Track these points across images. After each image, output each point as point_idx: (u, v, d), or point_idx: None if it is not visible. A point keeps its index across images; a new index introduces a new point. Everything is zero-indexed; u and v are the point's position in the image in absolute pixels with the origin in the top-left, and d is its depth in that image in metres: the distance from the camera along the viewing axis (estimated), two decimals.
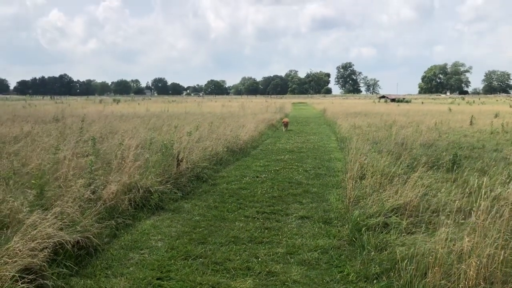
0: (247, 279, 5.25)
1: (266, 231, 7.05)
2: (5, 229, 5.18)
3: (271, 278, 5.30)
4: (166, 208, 8.14)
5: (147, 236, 6.69)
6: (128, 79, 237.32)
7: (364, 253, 5.74)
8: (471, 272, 4.03)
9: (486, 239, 4.43)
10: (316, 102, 77.26)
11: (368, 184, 8.61)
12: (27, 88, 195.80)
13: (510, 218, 4.80)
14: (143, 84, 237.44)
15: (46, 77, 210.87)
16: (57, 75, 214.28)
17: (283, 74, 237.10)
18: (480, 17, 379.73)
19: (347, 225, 7.07)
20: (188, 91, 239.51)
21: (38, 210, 5.43)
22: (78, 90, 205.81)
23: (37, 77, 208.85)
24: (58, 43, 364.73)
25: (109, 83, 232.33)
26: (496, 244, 4.38)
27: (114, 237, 6.50)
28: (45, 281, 4.42)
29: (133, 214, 7.45)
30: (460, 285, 4.01)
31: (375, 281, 5.06)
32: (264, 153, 16.05)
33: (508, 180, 7.08)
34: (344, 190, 9.54)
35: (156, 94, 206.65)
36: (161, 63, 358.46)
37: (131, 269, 5.49)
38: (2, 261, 4.15)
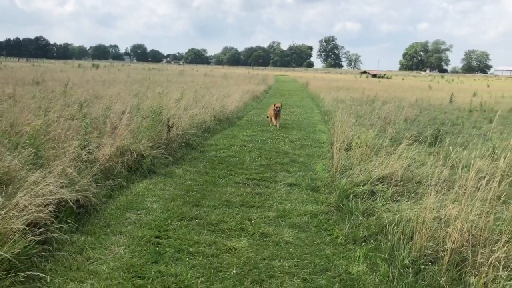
0: (241, 239, 5.50)
1: (257, 196, 7.30)
2: (4, 186, 5.26)
3: (265, 239, 5.56)
4: (158, 172, 8.30)
5: (142, 198, 6.86)
6: (107, 44, 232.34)
7: (352, 218, 6.04)
8: (456, 235, 4.35)
9: (470, 207, 4.74)
10: (298, 75, 77.25)
11: (354, 155, 8.90)
12: (0, 49, 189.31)
13: (491, 189, 5.13)
14: (122, 50, 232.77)
15: (21, 38, 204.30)
16: (32, 37, 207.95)
17: (265, 45, 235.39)
18: None
19: (334, 193, 7.36)
20: (168, 59, 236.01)
21: (39, 170, 5.52)
22: (54, 54, 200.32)
23: (12, 38, 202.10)
24: (34, 3, 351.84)
25: (87, 48, 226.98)
26: (479, 212, 4.70)
27: (110, 197, 6.65)
28: (52, 235, 4.57)
29: (127, 176, 7.58)
30: (446, 246, 4.33)
31: (363, 244, 5.38)
32: (250, 123, 16.21)
33: (488, 154, 7.45)
34: (329, 160, 9.85)
35: (135, 61, 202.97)
36: (141, 29, 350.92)
37: (129, 228, 5.67)
38: (11, 214, 4.28)
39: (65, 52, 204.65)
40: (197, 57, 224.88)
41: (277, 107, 15.04)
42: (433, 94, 29.77)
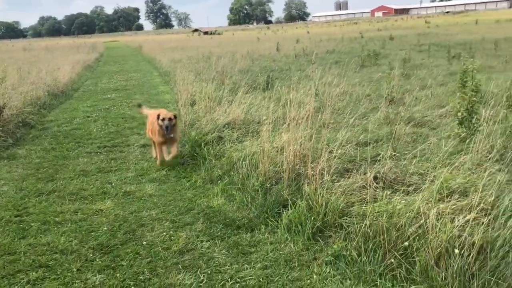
0: (106, 201, 5.72)
1: (113, 161, 7.46)
2: None
3: (128, 197, 5.87)
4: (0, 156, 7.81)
5: None
6: None
7: (206, 162, 6.68)
8: (291, 157, 5.27)
9: (298, 133, 5.71)
10: (129, 40, 74.49)
11: (199, 108, 9.51)
12: None
13: (311, 117, 6.19)
14: None
15: None
16: None
17: (88, 11, 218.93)
18: None
19: (187, 145, 7.90)
20: None
21: None
22: None
23: None
24: None
25: None
26: (304, 135, 5.70)
27: None
28: None
29: None
30: (284, 167, 5.23)
31: (219, 181, 6.06)
32: (88, 94, 15.66)
33: (310, 92, 8.69)
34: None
35: None
36: None
37: None
38: None
39: None
40: (9, 31, 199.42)
41: (163, 119, 6.71)
42: (262, 45, 31.85)
